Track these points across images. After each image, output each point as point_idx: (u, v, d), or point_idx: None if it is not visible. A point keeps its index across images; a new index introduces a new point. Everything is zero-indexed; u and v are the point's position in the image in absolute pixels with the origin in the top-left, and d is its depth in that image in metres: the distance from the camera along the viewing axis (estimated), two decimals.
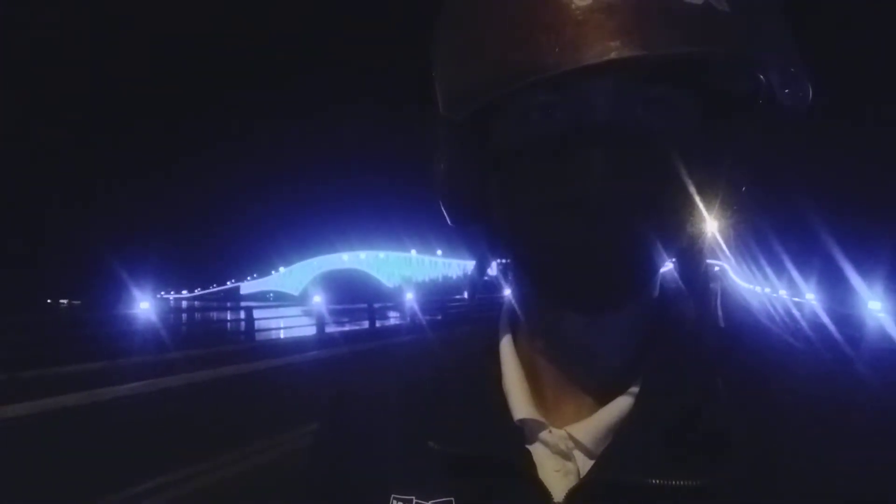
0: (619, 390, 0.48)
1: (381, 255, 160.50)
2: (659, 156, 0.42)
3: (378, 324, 19.59)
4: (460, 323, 0.60)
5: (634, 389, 0.47)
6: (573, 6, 0.38)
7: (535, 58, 0.38)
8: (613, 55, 0.36)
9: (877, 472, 0.43)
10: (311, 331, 16.90)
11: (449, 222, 0.53)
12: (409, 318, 20.01)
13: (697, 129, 0.44)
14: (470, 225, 0.52)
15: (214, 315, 33.12)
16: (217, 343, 13.65)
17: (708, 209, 0.45)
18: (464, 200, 0.50)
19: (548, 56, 0.38)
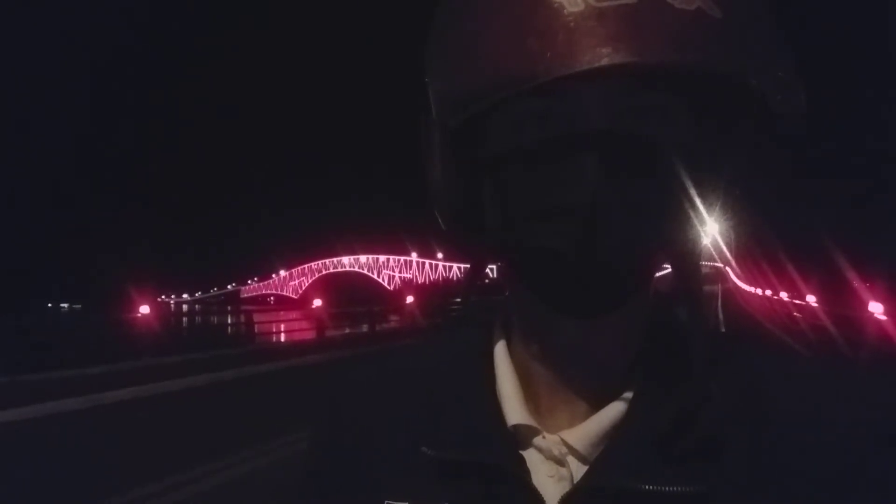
0: (614, 395, 0.48)
1: (382, 257, 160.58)
2: (652, 162, 0.42)
3: (378, 327, 19.57)
4: (460, 326, 0.60)
5: (628, 394, 0.47)
6: (565, 12, 0.38)
7: (527, 64, 0.38)
8: (605, 62, 0.36)
9: (874, 476, 0.43)
10: (310, 334, 16.89)
11: (443, 227, 0.53)
12: (409, 322, 19.99)
13: (691, 135, 0.44)
14: (464, 230, 0.52)
15: (215, 319, 33.07)
16: (217, 346, 13.62)
17: (704, 215, 0.45)
18: (457, 206, 0.50)
19: (539, 63, 0.38)
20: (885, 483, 0.42)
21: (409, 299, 22.01)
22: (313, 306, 18.67)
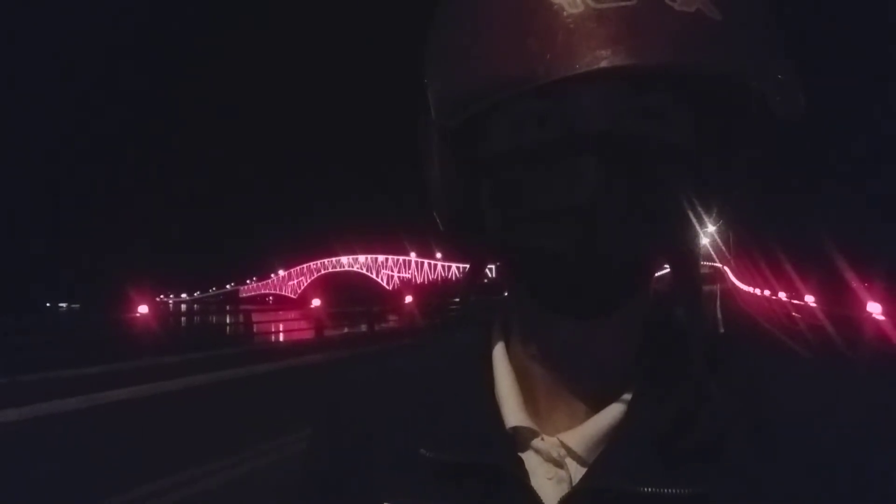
0: (613, 397, 0.47)
1: (381, 257, 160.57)
2: (652, 163, 0.42)
3: (377, 327, 19.58)
4: (459, 326, 0.60)
5: (627, 396, 0.47)
6: (565, 14, 0.38)
7: (526, 65, 0.38)
8: (604, 64, 0.36)
9: (874, 476, 0.42)
10: (309, 334, 16.90)
11: (441, 228, 0.53)
12: (408, 322, 20.00)
13: (691, 136, 0.44)
14: (463, 231, 0.52)
15: (213, 318, 33.07)
16: (216, 346, 13.61)
17: (703, 216, 0.45)
18: (457, 206, 0.50)
19: (539, 64, 0.38)
20: (885, 483, 0.42)
21: (408, 299, 22.00)
22: (312, 306, 18.68)
